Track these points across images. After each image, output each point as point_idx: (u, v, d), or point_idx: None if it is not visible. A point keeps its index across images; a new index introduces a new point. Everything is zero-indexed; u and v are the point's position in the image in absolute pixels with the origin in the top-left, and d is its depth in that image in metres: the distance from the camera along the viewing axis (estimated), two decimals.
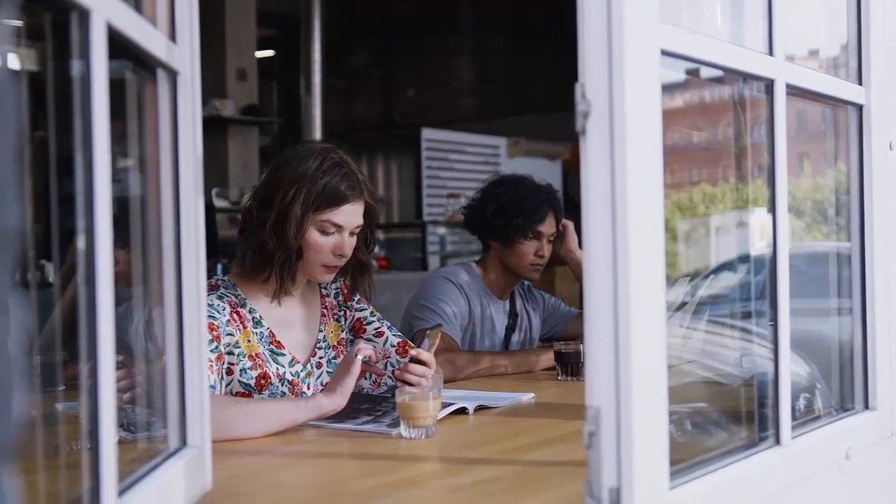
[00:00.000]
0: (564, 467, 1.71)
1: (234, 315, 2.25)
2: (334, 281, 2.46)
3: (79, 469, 1.10)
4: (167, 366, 1.41)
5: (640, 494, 1.21)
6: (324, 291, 2.49)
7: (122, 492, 1.12)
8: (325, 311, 2.47)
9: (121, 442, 1.12)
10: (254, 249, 2.28)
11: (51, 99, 1.07)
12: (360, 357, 2.08)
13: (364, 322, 2.51)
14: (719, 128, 2.10)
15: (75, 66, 1.02)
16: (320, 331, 2.44)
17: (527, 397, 2.45)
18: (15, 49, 0.64)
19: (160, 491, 1.26)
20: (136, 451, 1.41)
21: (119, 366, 1.09)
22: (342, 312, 2.50)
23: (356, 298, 2.53)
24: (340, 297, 2.51)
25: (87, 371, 1.03)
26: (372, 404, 2.24)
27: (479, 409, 2.26)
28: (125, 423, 1.46)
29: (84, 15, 1.00)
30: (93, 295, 1.02)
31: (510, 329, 3.24)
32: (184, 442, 1.42)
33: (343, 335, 2.49)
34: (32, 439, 1.15)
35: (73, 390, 1.21)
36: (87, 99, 1.02)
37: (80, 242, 1.03)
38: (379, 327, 2.51)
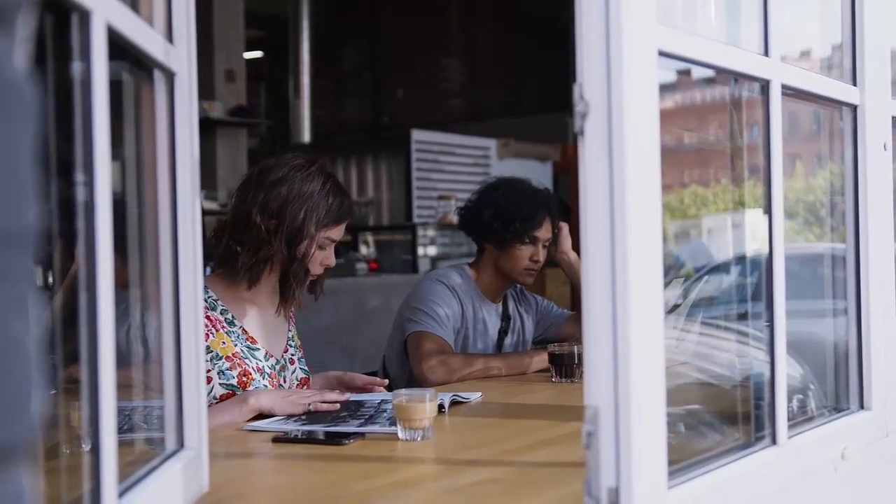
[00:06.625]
0: (561, 468, 1.71)
1: (205, 319, 2.28)
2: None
3: (76, 471, 1.10)
4: (164, 368, 1.41)
5: (639, 494, 1.21)
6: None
7: (121, 493, 1.12)
8: (291, 314, 2.59)
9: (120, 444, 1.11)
10: (262, 261, 2.37)
11: (50, 100, 1.07)
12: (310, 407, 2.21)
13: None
14: (710, 129, 2.10)
15: (75, 67, 1.01)
16: (290, 330, 2.57)
17: (475, 396, 2.46)
18: (34, 51, 0.64)
19: (158, 493, 1.26)
20: (133, 453, 1.41)
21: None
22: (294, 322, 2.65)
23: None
24: (293, 309, 2.62)
25: (88, 373, 1.03)
26: (350, 411, 2.22)
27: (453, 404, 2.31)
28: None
29: (84, 16, 1.00)
30: (93, 296, 1.02)
31: (503, 332, 3.23)
32: (181, 444, 1.42)
33: (299, 341, 2.63)
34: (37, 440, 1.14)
35: (67, 394, 1.21)
36: (87, 100, 1.01)
37: (80, 245, 1.03)
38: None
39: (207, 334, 2.29)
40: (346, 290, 6.29)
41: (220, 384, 2.29)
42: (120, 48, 1.15)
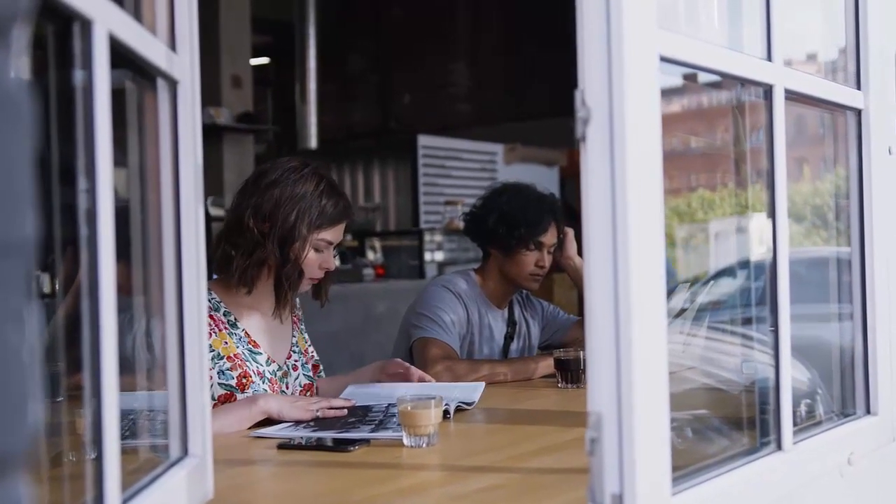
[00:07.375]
0: (566, 474, 1.71)
1: (208, 319, 2.29)
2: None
3: (80, 479, 1.10)
4: (168, 376, 1.41)
5: (643, 500, 1.20)
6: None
7: (125, 501, 1.12)
8: (295, 319, 2.59)
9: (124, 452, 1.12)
10: (256, 264, 2.37)
11: (52, 108, 1.07)
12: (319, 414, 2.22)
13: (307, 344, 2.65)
14: (717, 133, 2.10)
15: (77, 76, 1.02)
16: (293, 336, 2.56)
17: (478, 392, 2.47)
18: (29, 60, 0.64)
19: (162, 500, 1.26)
20: (138, 461, 1.41)
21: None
22: (303, 326, 2.64)
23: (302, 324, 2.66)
24: (301, 313, 2.64)
25: (90, 381, 1.03)
26: (358, 417, 2.22)
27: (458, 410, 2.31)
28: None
29: (86, 25, 1.00)
30: (96, 304, 1.02)
31: (509, 337, 3.23)
32: (185, 451, 1.42)
33: (307, 346, 2.62)
34: (35, 449, 1.14)
35: (73, 401, 1.21)
36: (89, 109, 1.01)
37: (83, 252, 1.03)
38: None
39: (210, 333, 2.30)
40: (353, 295, 6.30)
41: (219, 384, 2.30)
42: (122, 56, 1.15)
